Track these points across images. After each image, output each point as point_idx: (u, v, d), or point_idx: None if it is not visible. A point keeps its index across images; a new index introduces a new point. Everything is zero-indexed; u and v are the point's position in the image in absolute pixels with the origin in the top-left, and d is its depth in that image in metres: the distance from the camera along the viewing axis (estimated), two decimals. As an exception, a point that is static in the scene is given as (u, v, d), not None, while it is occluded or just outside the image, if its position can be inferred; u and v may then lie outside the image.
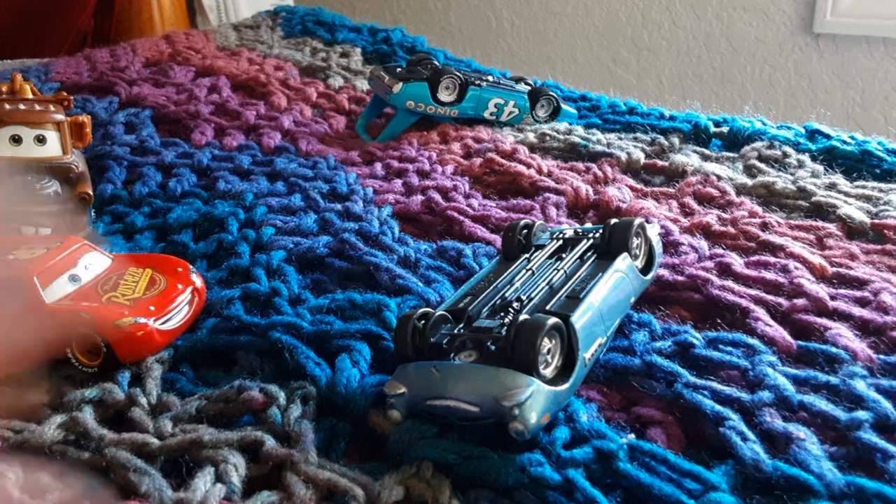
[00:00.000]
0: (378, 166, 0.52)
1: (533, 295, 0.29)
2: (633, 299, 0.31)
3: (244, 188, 0.47)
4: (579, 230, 0.35)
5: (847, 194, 0.44)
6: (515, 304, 0.28)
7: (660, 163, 0.51)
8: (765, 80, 1.54)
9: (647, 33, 1.63)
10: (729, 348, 0.30)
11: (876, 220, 0.40)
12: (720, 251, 0.38)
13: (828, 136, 0.52)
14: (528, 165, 0.50)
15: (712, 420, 0.26)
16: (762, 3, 1.53)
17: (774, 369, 0.28)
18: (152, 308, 0.31)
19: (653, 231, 0.34)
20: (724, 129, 0.55)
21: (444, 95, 0.58)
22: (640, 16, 1.62)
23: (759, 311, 0.32)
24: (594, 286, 0.28)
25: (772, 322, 0.32)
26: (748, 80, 1.55)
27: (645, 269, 0.33)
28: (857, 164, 0.48)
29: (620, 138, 0.56)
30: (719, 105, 0.81)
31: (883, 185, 0.45)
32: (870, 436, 0.25)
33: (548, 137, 0.56)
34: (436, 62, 0.60)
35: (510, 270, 0.32)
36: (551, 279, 0.30)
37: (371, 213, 0.44)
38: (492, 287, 0.30)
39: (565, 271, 0.30)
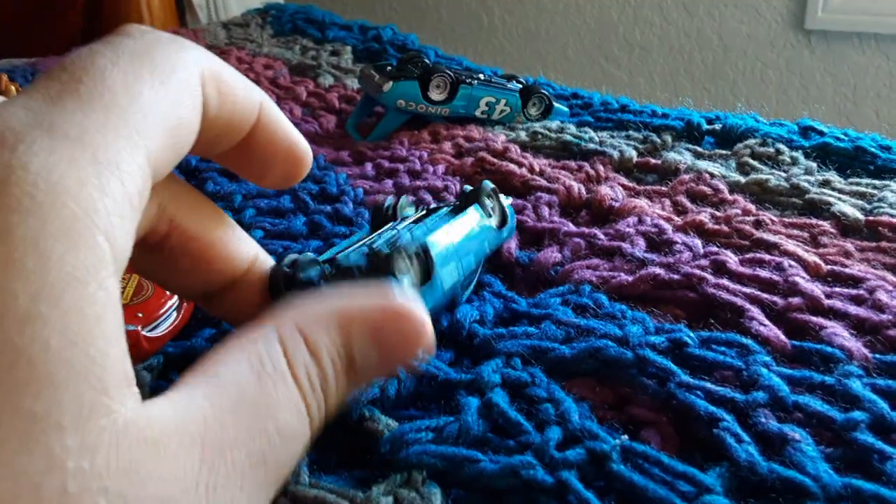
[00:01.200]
0: (368, 166, 0.52)
1: (394, 239, 0.31)
2: (487, 245, 0.35)
3: (233, 189, 0.47)
4: (442, 204, 0.38)
5: (841, 191, 0.44)
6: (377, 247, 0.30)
7: (652, 161, 0.51)
8: (756, 76, 1.54)
9: (639, 31, 1.63)
10: (723, 348, 0.30)
11: (870, 217, 0.40)
12: (714, 249, 0.38)
13: (821, 133, 0.51)
14: (520, 164, 0.50)
15: (706, 421, 0.26)
16: (753, 0, 1.52)
17: (769, 369, 0.28)
18: (140, 315, 0.30)
19: (505, 200, 0.38)
20: (717, 126, 0.55)
21: (435, 94, 0.57)
22: (632, 13, 1.62)
23: (754, 310, 0.32)
24: (443, 224, 0.32)
25: (766, 321, 0.31)
26: (740, 77, 1.55)
27: (500, 226, 0.37)
28: (851, 161, 0.48)
29: (613, 136, 0.56)
30: (711, 102, 0.80)
31: (877, 182, 0.45)
32: (866, 437, 0.25)
33: (540, 136, 0.56)
34: (427, 60, 0.60)
35: (377, 232, 0.34)
36: (411, 229, 0.32)
37: (362, 215, 0.44)
38: (360, 243, 0.32)
39: (424, 222, 0.33)
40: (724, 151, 0.52)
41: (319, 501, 0.23)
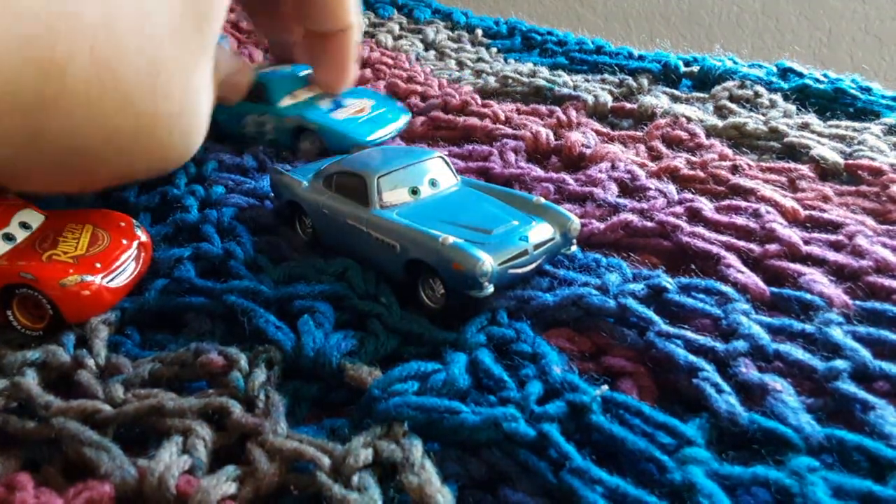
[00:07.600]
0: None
1: None
2: None
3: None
4: None
5: (820, 134, 0.43)
6: None
7: (628, 105, 0.49)
8: (732, 20, 1.52)
9: (614, -27, 1.60)
10: (702, 295, 0.29)
11: (850, 161, 0.39)
12: (689, 196, 0.37)
13: (800, 75, 0.50)
14: (482, 116, 0.47)
15: (685, 371, 0.25)
16: (730, -59, 1.49)
17: (748, 317, 0.27)
18: (98, 265, 0.29)
19: None
20: (695, 68, 0.54)
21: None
22: (607, -46, 1.58)
23: (731, 258, 0.31)
24: None
25: (744, 268, 0.31)
26: (715, 22, 1.53)
27: None
28: (831, 103, 0.47)
29: (587, 80, 0.54)
30: (687, 46, 0.79)
31: (857, 125, 0.44)
32: (848, 386, 0.24)
33: (510, 80, 0.54)
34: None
35: None
36: None
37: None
38: None
39: None
40: (701, 94, 0.51)
41: (298, 454, 0.22)
